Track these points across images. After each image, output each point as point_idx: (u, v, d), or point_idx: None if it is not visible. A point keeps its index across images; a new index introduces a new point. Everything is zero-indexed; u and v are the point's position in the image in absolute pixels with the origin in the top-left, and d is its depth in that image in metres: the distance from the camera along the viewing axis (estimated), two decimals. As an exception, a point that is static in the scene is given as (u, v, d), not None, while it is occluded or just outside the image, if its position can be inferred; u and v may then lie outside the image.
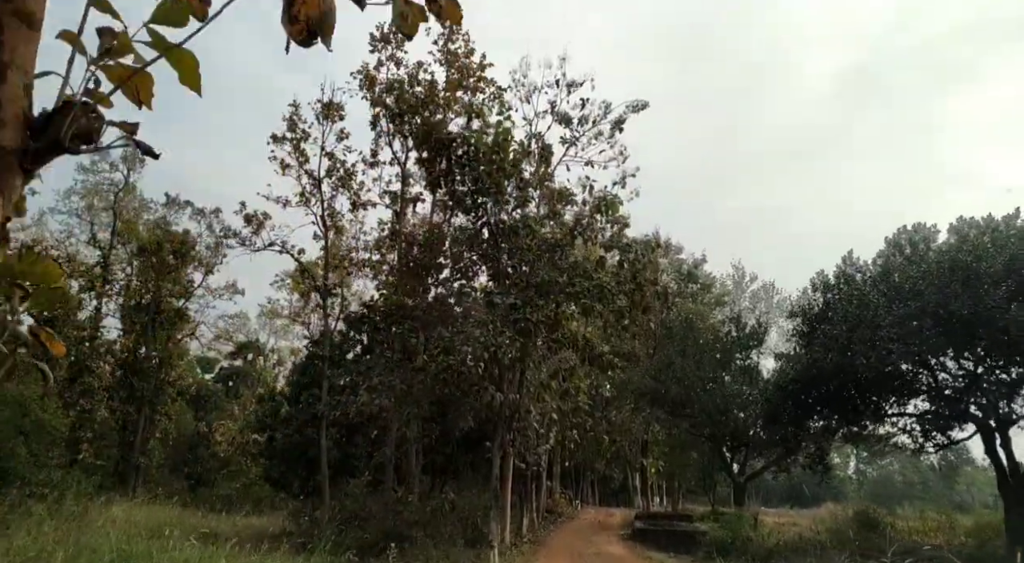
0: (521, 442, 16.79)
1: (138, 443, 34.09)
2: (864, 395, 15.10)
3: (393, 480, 22.35)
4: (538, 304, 15.09)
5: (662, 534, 19.31)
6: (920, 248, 15.26)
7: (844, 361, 13.86)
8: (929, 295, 12.63)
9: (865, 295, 14.23)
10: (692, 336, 26.28)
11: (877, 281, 14.66)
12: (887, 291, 13.80)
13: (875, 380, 14.03)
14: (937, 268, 13.09)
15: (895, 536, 16.13)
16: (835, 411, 16.04)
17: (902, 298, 13.31)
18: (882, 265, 15.51)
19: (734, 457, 26.10)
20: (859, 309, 14.04)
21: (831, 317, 15.16)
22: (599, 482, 50.19)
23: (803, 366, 15.67)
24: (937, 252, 14.18)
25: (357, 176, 23.38)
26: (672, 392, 24.73)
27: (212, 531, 23.12)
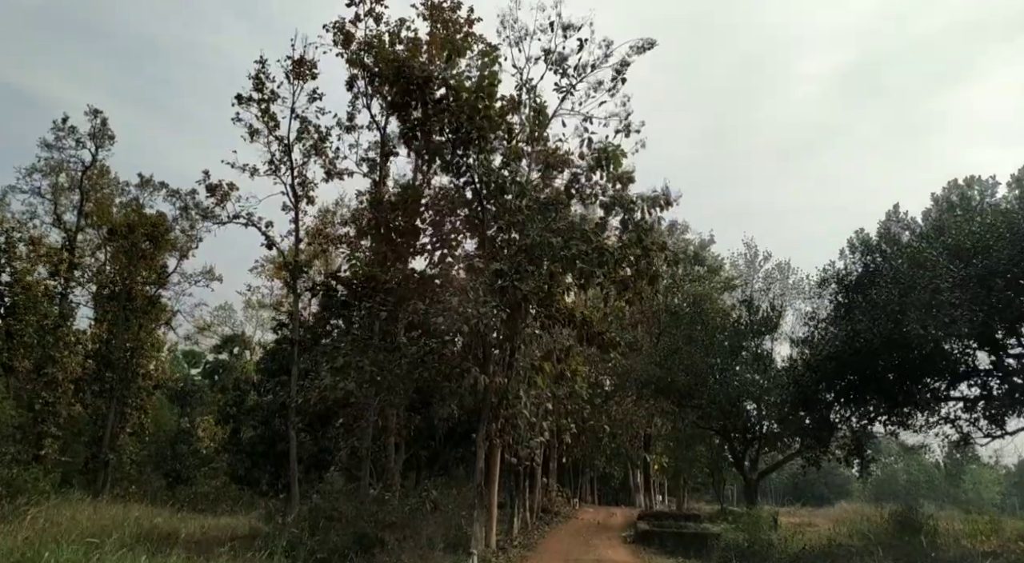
0: (511, 433, 14.63)
1: (106, 438, 31.88)
2: (915, 374, 12.93)
3: (371, 476, 20.22)
4: (528, 270, 12.93)
5: (669, 536, 17.17)
6: (976, 203, 13.18)
7: (895, 332, 11.67)
8: (999, 251, 10.55)
9: (920, 253, 12.05)
10: (700, 320, 24.13)
11: (931, 238, 12.51)
12: (943, 250, 11.68)
13: (928, 356, 11.90)
14: (1005, 221, 10.98)
15: (939, 540, 14.02)
16: (879, 394, 13.83)
17: (964, 257, 11.23)
18: (935, 220, 13.37)
19: (746, 452, 23.97)
20: (913, 269, 11.89)
21: (876, 282, 12.96)
22: (599, 480, 48.05)
23: (841, 341, 13.46)
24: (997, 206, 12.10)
25: (332, 141, 21.21)
26: (679, 381, 22.59)
27: (173, 533, 20.99)
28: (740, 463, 23.75)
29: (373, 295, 14.67)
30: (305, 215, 21.33)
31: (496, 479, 15.41)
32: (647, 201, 13.35)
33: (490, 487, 15.32)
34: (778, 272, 24.13)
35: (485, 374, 13.97)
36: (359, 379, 14.04)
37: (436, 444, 24.14)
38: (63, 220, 33.37)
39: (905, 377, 13.04)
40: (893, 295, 11.95)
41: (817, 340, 13.76)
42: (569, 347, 15.16)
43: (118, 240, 34.32)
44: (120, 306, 33.70)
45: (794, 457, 23.39)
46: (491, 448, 15.56)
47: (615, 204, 13.52)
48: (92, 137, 33.57)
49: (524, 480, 22.40)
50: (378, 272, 15.13)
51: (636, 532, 19.11)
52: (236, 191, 21.94)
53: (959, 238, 11.79)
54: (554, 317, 14.88)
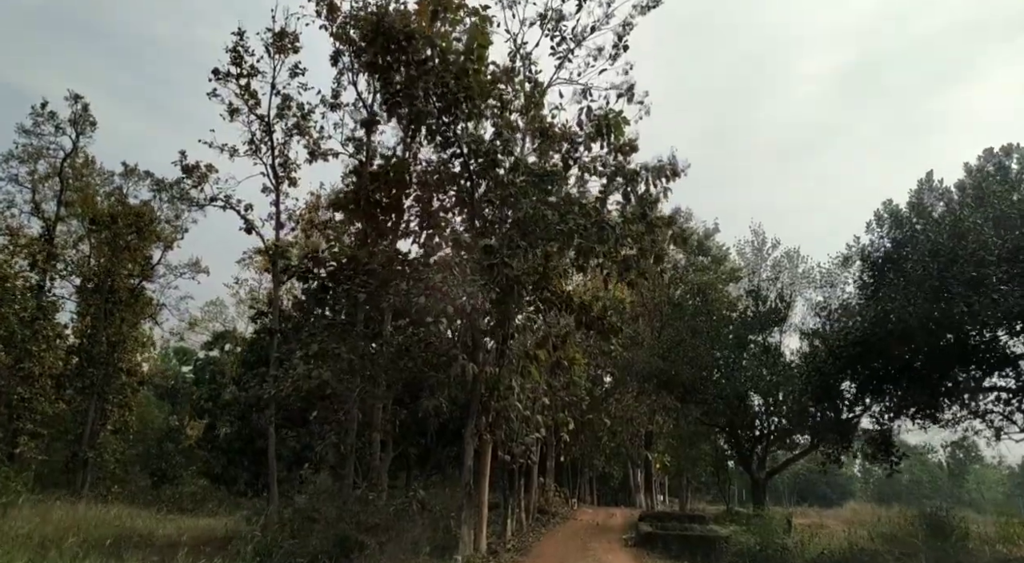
0: (503, 428, 13.42)
1: (86, 435, 30.59)
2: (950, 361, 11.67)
3: (356, 475, 19.00)
4: (520, 246, 11.71)
5: (674, 539, 15.96)
6: (1016, 172, 11.96)
7: (933, 311, 10.41)
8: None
9: (961, 222, 10.83)
10: (706, 311, 22.92)
11: (972, 208, 11.29)
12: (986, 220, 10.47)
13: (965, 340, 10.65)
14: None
15: (971, 545, 12.81)
16: (910, 383, 12.50)
17: (1009, 227, 10.04)
18: (973, 189, 12.13)
19: (753, 450, 22.76)
20: (954, 241, 10.68)
21: (909, 256, 11.68)
22: (598, 479, 46.82)
23: (870, 323, 12.17)
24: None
25: (315, 120, 19.98)
26: (683, 374, 21.37)
27: (148, 535, 19.80)
28: (747, 462, 22.53)
29: (354, 277, 13.44)
30: (287, 197, 20.11)
31: (487, 478, 14.19)
32: (652, 171, 12.12)
33: (480, 486, 14.10)
34: (787, 260, 22.92)
35: (474, 363, 12.77)
36: (336, 368, 12.82)
37: (427, 441, 22.93)
38: (42, 209, 32.11)
39: (940, 364, 11.75)
40: (931, 269, 10.70)
41: (838, 326, 12.45)
42: (566, 333, 13.95)
43: (101, 231, 33.09)
44: (102, 299, 32.45)
45: (804, 455, 22.18)
46: (481, 444, 14.35)
47: (617, 175, 12.30)
48: (72, 123, 32.32)
49: (519, 479, 21.21)
50: (360, 253, 13.91)
51: (638, 534, 17.89)
52: (215, 173, 20.74)
53: (1003, 208, 10.58)
54: (550, 301, 13.67)
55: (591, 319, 13.41)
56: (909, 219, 12.57)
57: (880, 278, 12.40)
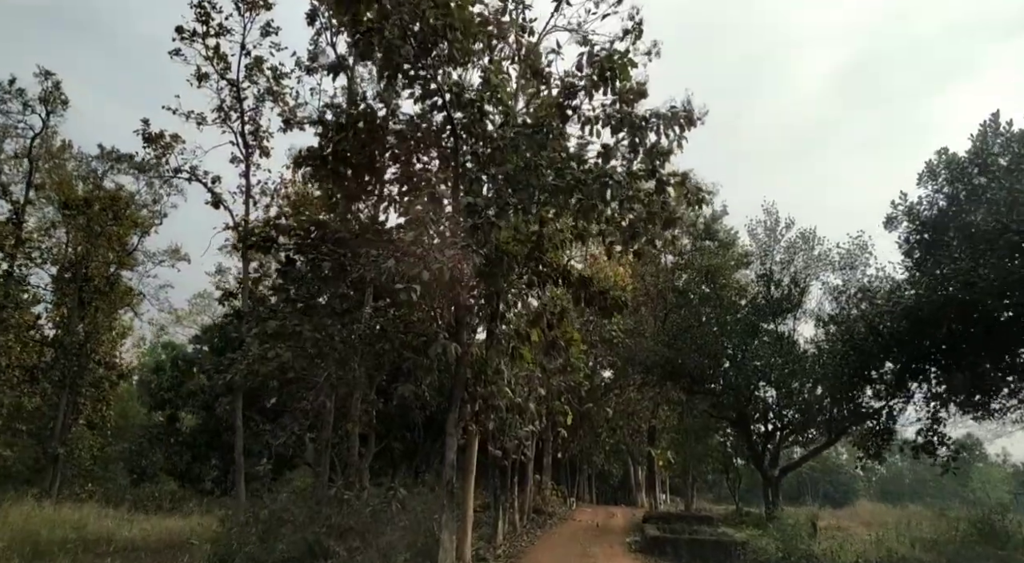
0: (491, 417, 11.73)
1: (57, 431, 28.84)
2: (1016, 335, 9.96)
3: (335, 472, 17.33)
4: (510, 203, 10.01)
5: (684, 544, 14.29)
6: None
7: (1011, 271, 8.68)
8: None
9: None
10: (715, 296, 21.24)
11: (1046, 153, 9.66)
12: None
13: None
14: None
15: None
16: (964, 363, 10.67)
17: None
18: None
19: (765, 445, 21.09)
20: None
21: (971, 210, 9.90)
22: (597, 477, 45.20)
23: (925, 288, 10.37)
24: None
25: (290, 86, 18.27)
26: (690, 363, 19.69)
27: (107, 538, 18.18)
28: (759, 458, 20.85)
29: (320, 247, 11.73)
30: (258, 169, 18.39)
31: (472, 474, 12.51)
32: (663, 119, 10.40)
33: (465, 484, 12.44)
34: (802, 241, 21.21)
35: (457, 342, 11.08)
36: (298, 348, 11.11)
37: (413, 436, 21.28)
38: (9, 191, 30.34)
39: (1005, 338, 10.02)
40: (1003, 222, 8.97)
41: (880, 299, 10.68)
42: (562, 310, 12.24)
43: (76, 216, 31.36)
44: (76, 287, 30.71)
45: (821, 450, 20.51)
46: (467, 437, 12.67)
47: (622, 124, 10.58)
48: (43, 101, 30.49)
49: (512, 477, 19.55)
50: (330, 219, 12.22)
51: (643, 538, 16.21)
52: (181, 143, 19.02)
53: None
54: (544, 273, 11.98)
55: (591, 294, 11.71)
56: (970, 169, 10.79)
57: (935, 238, 10.64)
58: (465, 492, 12.33)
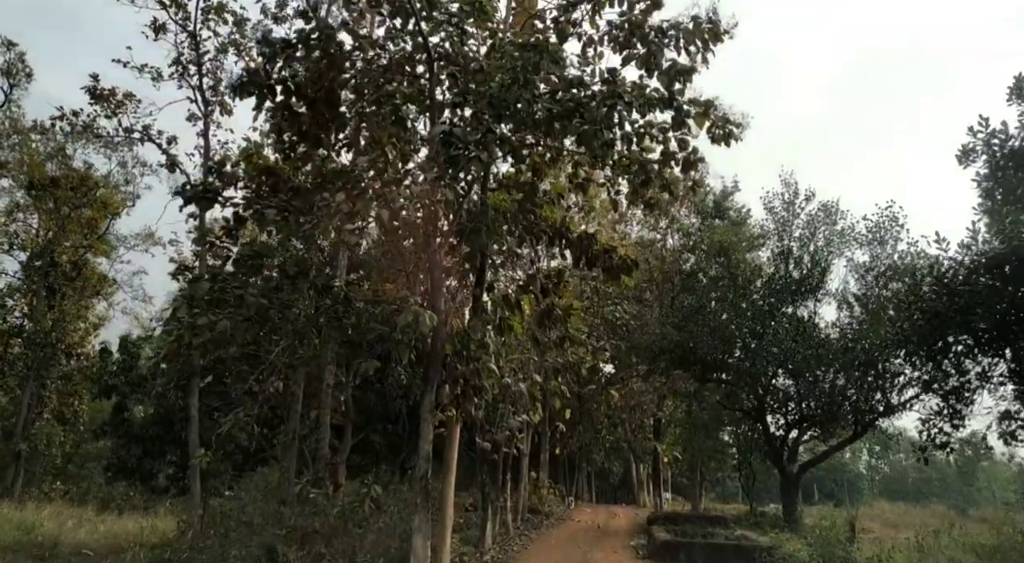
0: (479, 403, 9.79)
1: (19, 425, 26.87)
2: None
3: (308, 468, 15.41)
4: (494, 132, 8.06)
5: (700, 549, 12.38)
6: None
7: None
8: None
9: None
10: (728, 275, 19.32)
11: None
12: None
13: None
14: None
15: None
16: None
17: None
18: None
19: (785, 439, 19.17)
20: None
21: None
22: (596, 475, 43.29)
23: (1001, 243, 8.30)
24: None
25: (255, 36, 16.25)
26: (703, 348, 17.76)
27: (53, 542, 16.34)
28: (777, 454, 18.93)
29: (272, 197, 9.79)
30: (219, 128, 16.41)
31: (453, 469, 10.57)
32: (683, 32, 8.47)
33: (445, 481, 10.51)
34: (823, 215, 19.29)
35: (433, 310, 9.18)
36: (238, 317, 9.18)
37: (397, 428, 19.39)
38: (-34, 167, 28.39)
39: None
40: None
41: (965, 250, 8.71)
42: (559, 273, 10.29)
43: (43, 197, 29.42)
44: (42, 273, 28.75)
45: (848, 444, 18.59)
46: (449, 426, 10.75)
47: (632, 39, 8.64)
48: (5, 74, 28.54)
49: (505, 473, 17.67)
50: (282, 165, 10.30)
51: (652, 542, 14.28)
52: (135, 102, 17.06)
53: None
54: (538, 230, 10.05)
55: (594, 254, 9.78)
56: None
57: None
58: (444, 489, 10.41)
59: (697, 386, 22.61)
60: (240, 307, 9.18)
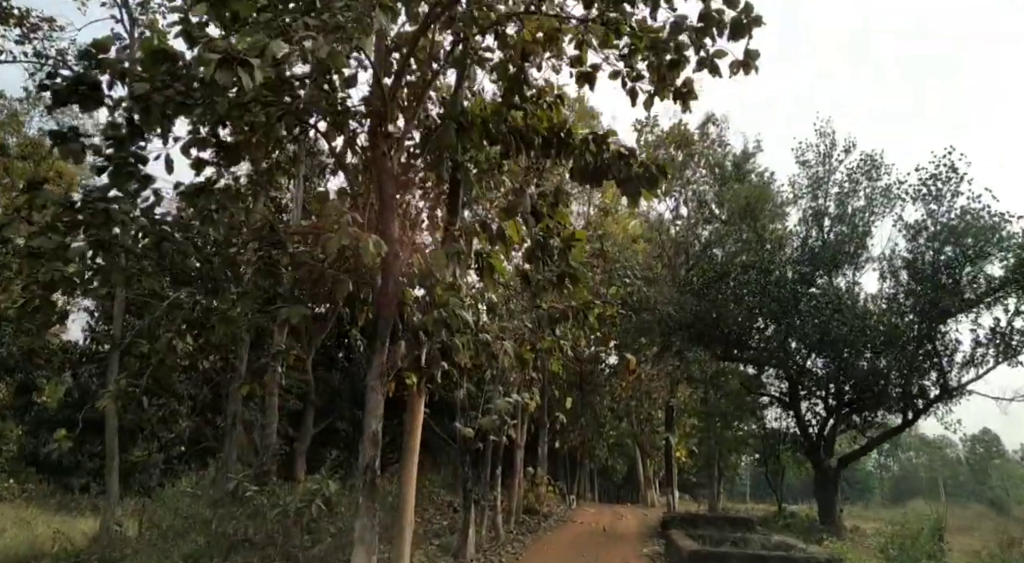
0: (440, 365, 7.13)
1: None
2: None
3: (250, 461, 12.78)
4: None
5: (737, 561, 9.71)
6: None
7: None
8: None
9: None
10: (755, 238, 16.66)
11: None
12: None
13: None
14: None
15: None
16: None
17: None
18: None
19: (822, 429, 16.48)
20: None
21: None
22: (599, 473, 40.63)
23: None
24: None
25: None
26: (728, 319, 15.11)
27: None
28: (814, 445, 16.25)
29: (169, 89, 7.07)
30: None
31: (415, 457, 7.88)
32: None
33: (406, 471, 7.84)
34: (865, 168, 16.60)
35: (384, 237, 6.57)
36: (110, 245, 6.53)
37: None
38: None
39: None
40: None
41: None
42: (557, 190, 7.60)
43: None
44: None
45: (896, 434, 15.91)
46: (412, 400, 8.09)
47: None
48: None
49: (495, 467, 15.05)
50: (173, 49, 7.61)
51: (675, 552, 11.58)
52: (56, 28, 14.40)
53: None
54: (526, 133, 7.38)
55: (605, 162, 7.10)
56: None
57: None
58: (403, 485, 7.76)
59: (714, 371, 19.98)
60: (104, 225, 6.51)
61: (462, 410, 11.79)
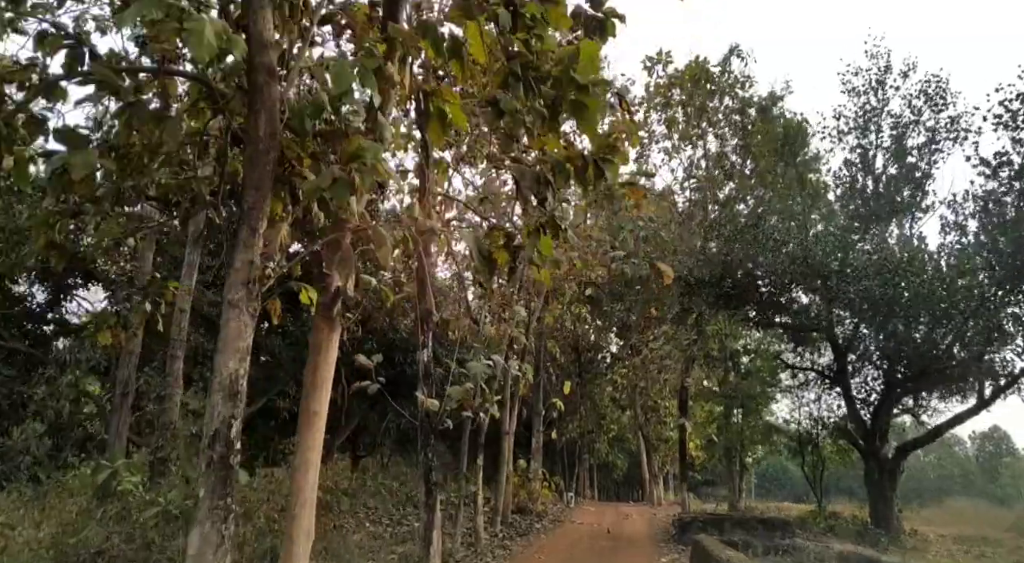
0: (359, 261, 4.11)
1: None
2: None
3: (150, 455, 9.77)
4: None
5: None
6: None
7: None
8: None
9: None
10: (796, 175, 13.72)
11: None
12: None
13: None
14: None
15: None
16: None
17: None
18: None
19: (877, 413, 13.50)
20: None
21: None
22: (598, 469, 37.75)
23: None
24: None
25: None
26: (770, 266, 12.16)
27: None
28: (867, 431, 13.29)
29: None
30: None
31: (315, 422, 4.85)
32: None
33: (302, 450, 4.87)
34: (930, 93, 13.64)
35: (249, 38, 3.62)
36: None
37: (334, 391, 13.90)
38: None
39: None
40: None
41: None
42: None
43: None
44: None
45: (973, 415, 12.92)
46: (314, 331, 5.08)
47: None
48: None
49: (474, 454, 12.13)
50: None
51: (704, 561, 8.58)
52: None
53: None
54: None
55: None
56: None
57: None
58: (299, 468, 4.78)
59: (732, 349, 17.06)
60: None
61: (425, 376, 8.83)
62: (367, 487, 11.95)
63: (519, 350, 13.80)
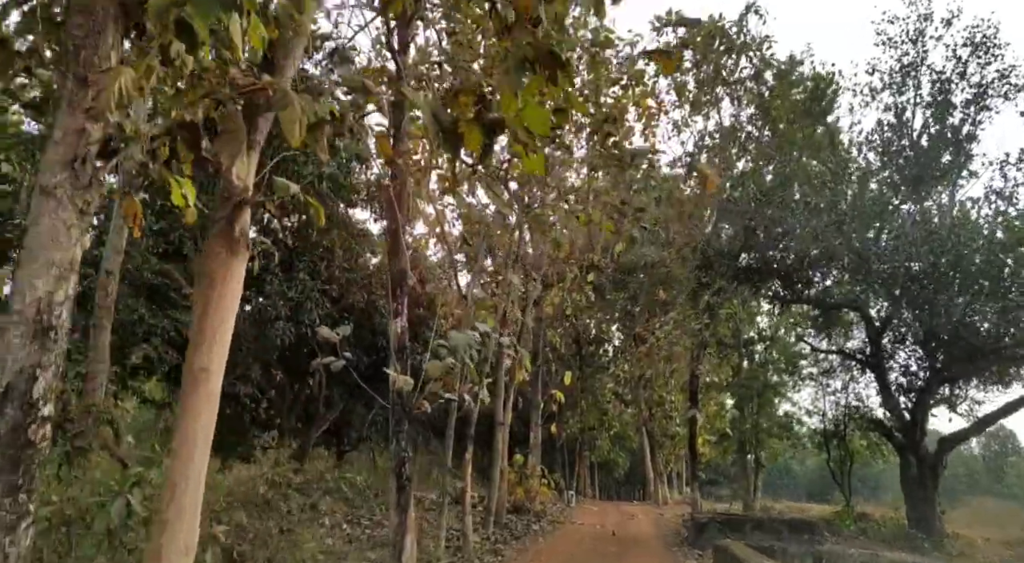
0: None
1: None
2: None
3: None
4: None
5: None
6: None
7: None
8: None
9: None
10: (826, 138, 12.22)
11: None
12: None
13: None
14: None
15: None
16: None
17: None
18: None
19: (918, 403, 12.02)
20: None
21: None
22: (599, 467, 36.41)
23: None
24: None
25: None
26: (793, 239, 10.67)
27: None
28: (904, 423, 11.81)
29: None
30: None
31: (203, 390, 3.40)
32: None
33: (181, 430, 3.43)
34: (976, 42, 12.14)
35: None
36: None
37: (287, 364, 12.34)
38: None
39: None
40: None
41: None
42: None
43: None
44: None
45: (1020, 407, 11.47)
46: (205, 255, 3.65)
47: None
48: None
49: (463, 445, 10.69)
50: None
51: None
52: None
53: None
54: None
55: None
56: None
57: None
58: (178, 458, 3.34)
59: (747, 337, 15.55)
60: None
61: (399, 350, 7.37)
62: (326, 482, 10.44)
63: (515, 330, 12.36)
